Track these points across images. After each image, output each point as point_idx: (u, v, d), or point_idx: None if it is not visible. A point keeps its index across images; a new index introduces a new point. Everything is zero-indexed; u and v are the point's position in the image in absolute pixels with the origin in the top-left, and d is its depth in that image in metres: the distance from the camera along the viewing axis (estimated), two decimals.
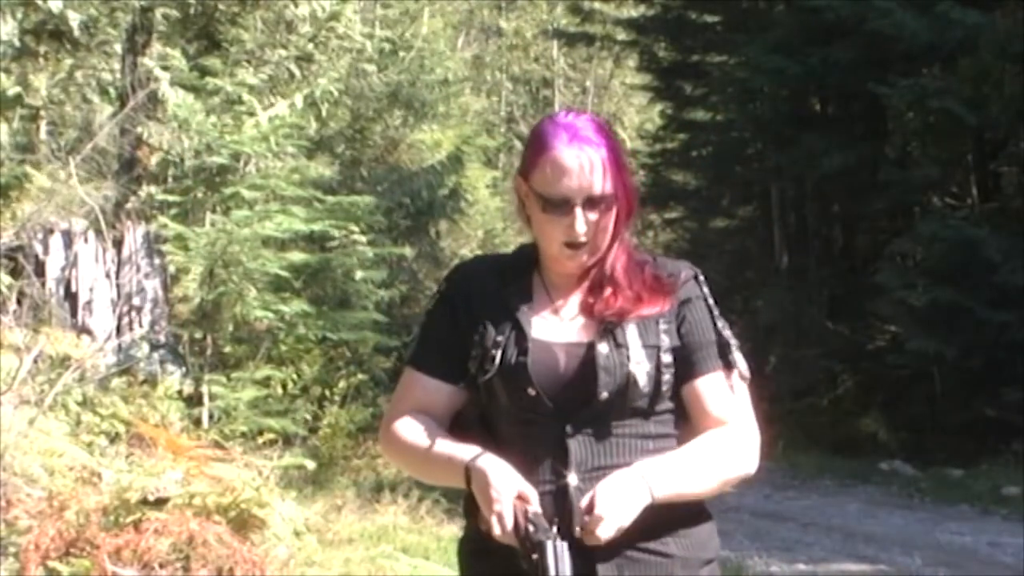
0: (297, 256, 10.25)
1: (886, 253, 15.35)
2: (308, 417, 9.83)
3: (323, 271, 10.99)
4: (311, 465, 8.50)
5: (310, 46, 12.15)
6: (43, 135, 11.19)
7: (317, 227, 10.51)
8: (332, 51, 12.54)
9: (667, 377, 2.14)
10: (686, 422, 2.19)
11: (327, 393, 10.04)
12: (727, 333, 2.20)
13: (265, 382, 9.56)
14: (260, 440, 8.57)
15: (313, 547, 6.63)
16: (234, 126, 10.14)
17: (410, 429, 2.19)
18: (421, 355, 2.23)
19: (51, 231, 9.21)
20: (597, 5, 22.53)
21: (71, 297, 9.18)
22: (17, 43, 10.27)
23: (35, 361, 6.91)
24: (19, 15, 10.27)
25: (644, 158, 23.75)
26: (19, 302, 8.49)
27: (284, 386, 9.77)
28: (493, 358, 2.14)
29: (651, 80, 21.59)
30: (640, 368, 2.11)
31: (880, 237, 16.54)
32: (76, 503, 5.30)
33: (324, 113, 12.86)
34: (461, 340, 2.18)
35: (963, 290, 12.55)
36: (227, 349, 9.89)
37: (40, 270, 9.06)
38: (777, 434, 15.46)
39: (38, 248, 9.16)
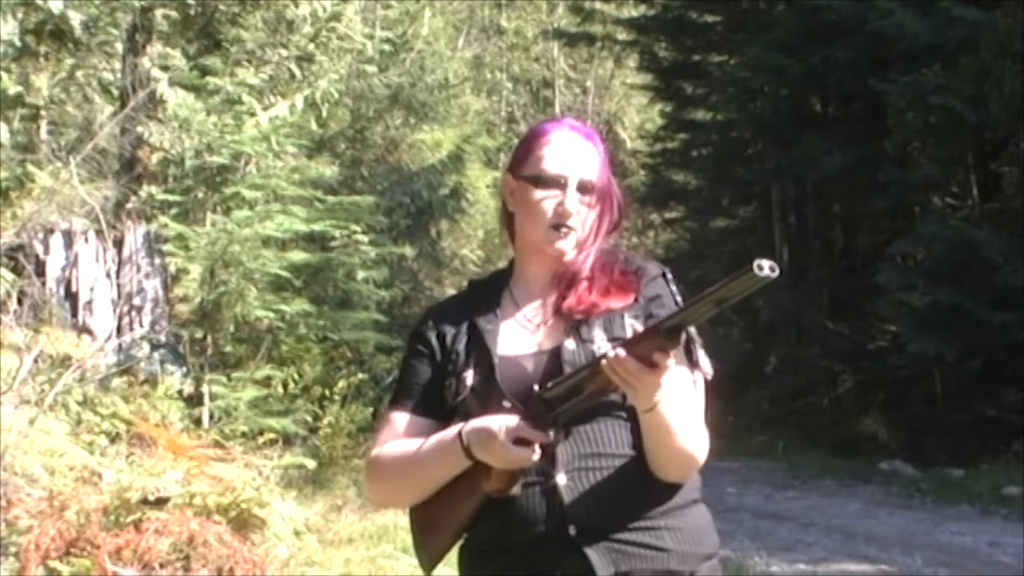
0: (298, 256, 10.26)
1: (886, 253, 15.34)
2: (308, 417, 9.82)
3: (324, 271, 10.99)
4: (311, 465, 8.50)
5: (311, 46, 12.14)
6: (44, 135, 11.18)
7: (318, 227, 10.52)
8: (333, 51, 12.53)
9: None
10: None
11: (327, 393, 10.03)
12: (693, 331, 2.18)
13: (266, 382, 9.56)
14: (260, 440, 8.56)
15: (313, 547, 6.64)
16: (235, 126, 10.14)
17: (396, 447, 2.22)
18: (400, 394, 2.28)
19: (51, 231, 9.21)
20: (598, 5, 22.53)
21: (71, 297, 9.18)
22: (18, 43, 10.26)
23: (35, 361, 6.91)
24: (20, 15, 10.27)
25: (644, 158, 23.80)
26: (20, 302, 8.49)
27: (285, 386, 9.76)
28: (464, 381, 2.17)
29: (651, 80, 21.61)
30: None
31: (880, 237, 16.54)
32: (76, 503, 5.30)
33: (325, 113, 12.86)
34: (437, 372, 2.23)
35: (963, 291, 12.55)
36: (228, 349, 9.89)
37: (40, 270, 9.06)
38: (777, 434, 15.52)
39: (39, 248, 9.16)
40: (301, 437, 9.59)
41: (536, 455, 2.05)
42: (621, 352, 1.97)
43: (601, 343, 2.14)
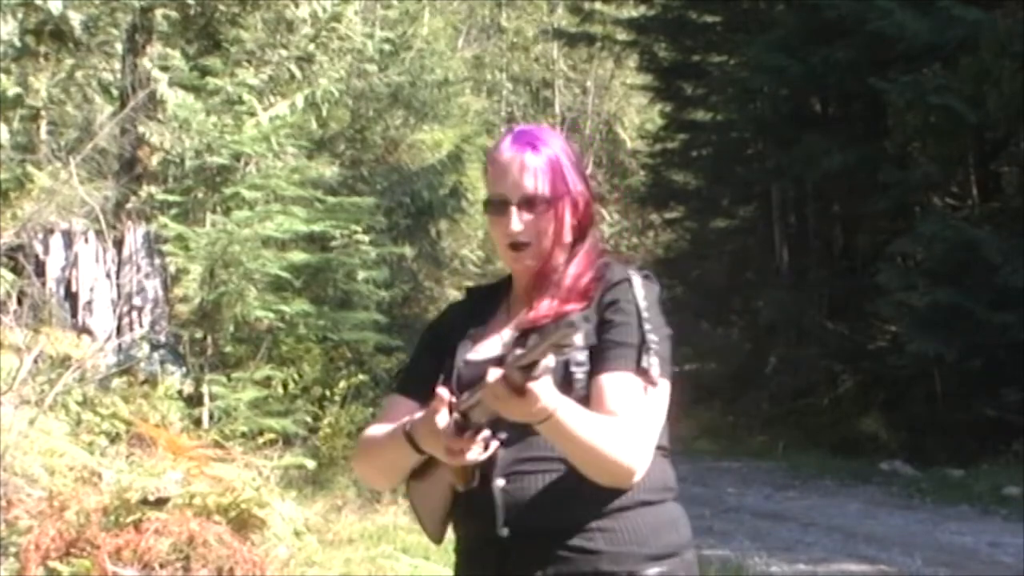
0: (298, 256, 10.26)
1: (886, 253, 15.34)
2: (308, 417, 9.82)
3: (324, 271, 11.00)
4: (311, 465, 8.50)
5: (311, 47, 12.15)
6: (43, 135, 11.18)
7: (318, 227, 10.52)
8: (333, 52, 12.54)
9: (579, 375, 2.15)
10: None
11: (327, 393, 10.04)
12: (651, 338, 2.17)
13: (265, 382, 9.56)
14: (260, 440, 8.56)
15: (313, 547, 6.64)
16: (235, 126, 10.15)
17: (375, 430, 2.28)
18: (402, 378, 2.39)
19: (51, 231, 9.21)
20: (598, 5, 22.52)
21: (71, 297, 9.18)
22: (18, 43, 10.27)
23: (35, 361, 6.91)
24: (20, 15, 10.27)
25: (644, 158, 23.78)
26: (19, 302, 8.49)
27: (285, 386, 9.76)
28: (439, 380, 2.22)
29: (651, 80, 21.59)
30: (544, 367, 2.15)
31: (880, 237, 16.54)
32: (76, 503, 5.30)
33: (325, 113, 12.86)
34: (435, 365, 2.28)
35: (963, 291, 12.55)
36: (227, 349, 9.89)
37: (40, 270, 9.06)
38: (777, 434, 15.53)
39: (38, 248, 9.16)
40: (301, 437, 9.58)
41: (468, 458, 2.07)
42: (496, 377, 1.98)
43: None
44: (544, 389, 1.98)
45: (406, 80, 16.96)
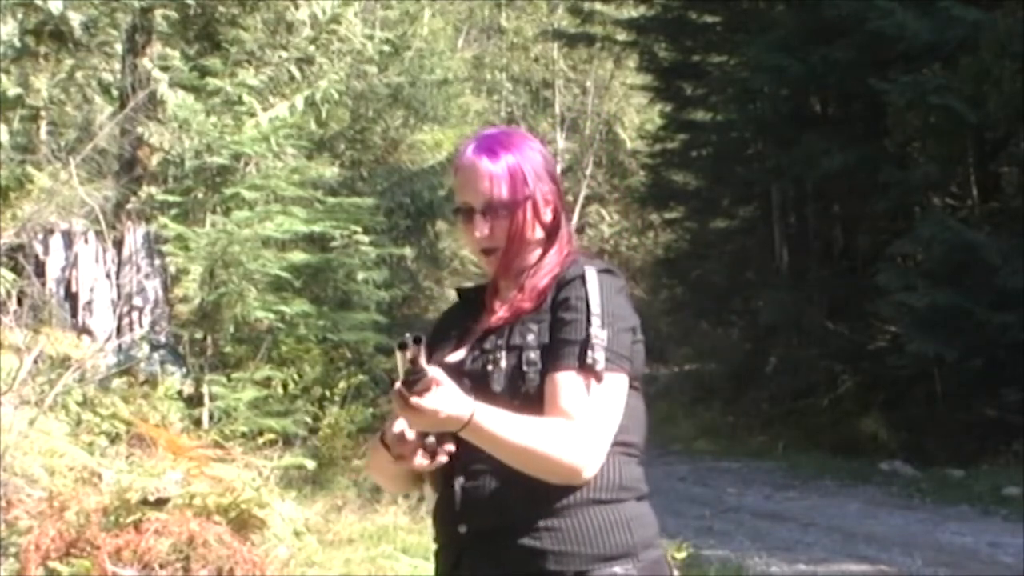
0: (298, 256, 10.27)
1: (886, 254, 15.34)
2: (308, 418, 9.82)
3: (324, 272, 11.00)
4: (311, 465, 8.50)
5: (311, 48, 12.16)
6: (43, 135, 11.19)
7: (318, 228, 10.53)
8: (332, 53, 12.54)
9: (531, 375, 2.16)
10: None
11: (327, 393, 10.04)
12: (596, 333, 2.15)
13: (265, 382, 9.56)
14: (260, 440, 8.56)
15: (313, 547, 6.64)
16: (234, 127, 10.16)
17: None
18: None
19: (51, 231, 9.21)
20: (598, 6, 22.53)
21: (71, 297, 9.18)
22: (18, 43, 10.28)
23: (35, 361, 6.91)
24: (20, 15, 10.28)
25: (644, 158, 23.80)
26: (19, 302, 8.49)
27: (284, 386, 9.76)
28: None
29: (651, 80, 21.59)
30: (497, 370, 2.18)
31: (880, 238, 16.53)
32: (76, 503, 5.30)
33: (324, 114, 12.86)
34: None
35: (963, 291, 12.55)
36: (227, 349, 9.89)
37: (40, 270, 9.06)
38: (777, 434, 15.53)
39: (38, 248, 9.16)
40: (301, 438, 9.58)
41: (415, 463, 2.12)
42: (395, 391, 2.04)
43: (499, 352, 2.20)
44: (442, 400, 2.02)
45: (406, 80, 16.98)
